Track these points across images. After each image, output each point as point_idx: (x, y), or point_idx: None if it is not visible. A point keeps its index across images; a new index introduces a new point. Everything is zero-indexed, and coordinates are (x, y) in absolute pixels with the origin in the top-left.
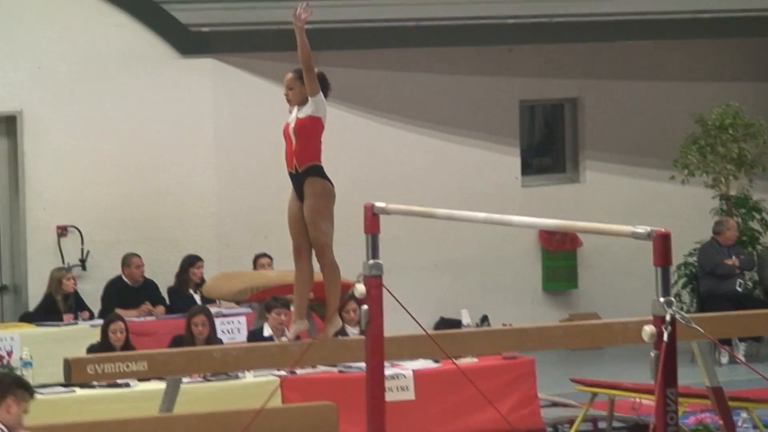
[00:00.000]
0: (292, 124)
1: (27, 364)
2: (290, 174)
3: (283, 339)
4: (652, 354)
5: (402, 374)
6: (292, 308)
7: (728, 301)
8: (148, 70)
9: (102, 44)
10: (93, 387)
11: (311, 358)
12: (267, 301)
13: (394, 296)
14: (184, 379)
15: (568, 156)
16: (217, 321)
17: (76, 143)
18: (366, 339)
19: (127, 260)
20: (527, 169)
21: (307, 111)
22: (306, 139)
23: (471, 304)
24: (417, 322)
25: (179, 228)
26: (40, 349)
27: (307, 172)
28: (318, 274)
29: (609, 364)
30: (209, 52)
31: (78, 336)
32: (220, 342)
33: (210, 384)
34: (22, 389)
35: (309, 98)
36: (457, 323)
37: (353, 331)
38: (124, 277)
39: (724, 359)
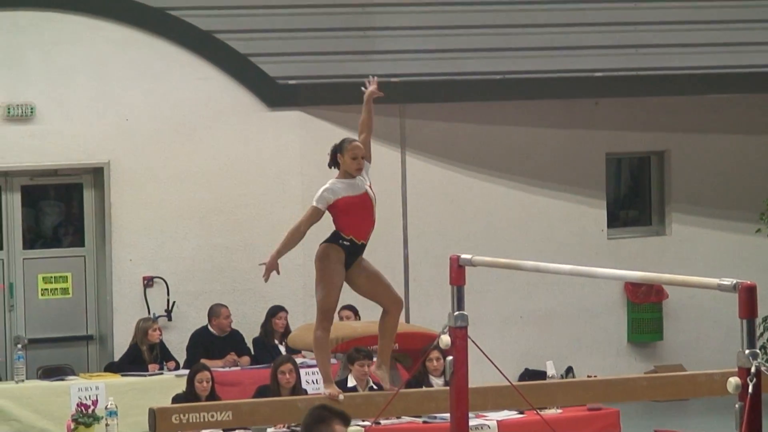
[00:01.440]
0: (372, 194)
1: (112, 413)
2: (358, 245)
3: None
4: (737, 406)
5: (486, 425)
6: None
7: None
8: (236, 123)
9: (189, 97)
10: None
11: (396, 408)
12: (350, 352)
13: (478, 347)
14: (269, 430)
15: (654, 208)
16: (302, 371)
17: (162, 194)
18: (451, 389)
19: (216, 311)
20: (613, 221)
21: (367, 179)
22: None
23: (556, 355)
24: (501, 372)
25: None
26: (125, 399)
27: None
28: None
29: (693, 416)
30: (296, 104)
31: (163, 386)
32: (305, 392)
33: None
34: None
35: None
36: (542, 375)
37: (438, 382)
38: (210, 327)
39: None
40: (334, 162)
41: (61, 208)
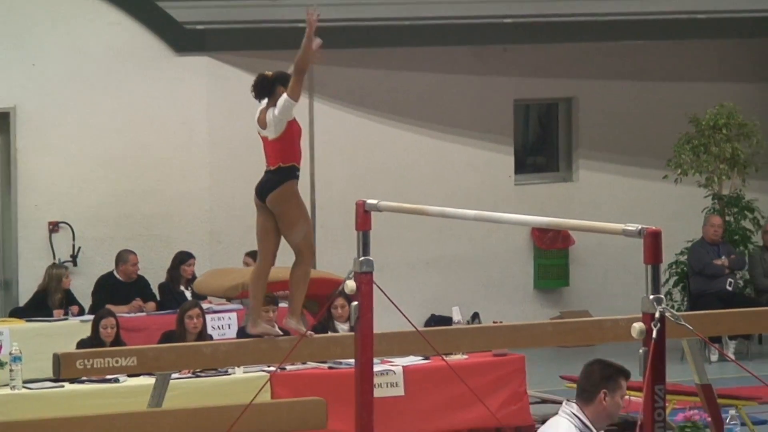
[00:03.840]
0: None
1: (16, 359)
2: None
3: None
4: (641, 351)
5: (392, 370)
6: (282, 305)
7: (719, 300)
8: (143, 68)
9: (96, 41)
10: (82, 382)
11: (301, 354)
12: None
13: (384, 293)
14: (174, 375)
15: (562, 155)
16: (208, 317)
17: (69, 140)
18: (356, 335)
19: (124, 257)
20: (521, 167)
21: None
22: None
23: (462, 301)
24: (407, 318)
25: (171, 225)
26: (30, 344)
27: None
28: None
29: None
30: (204, 50)
31: (68, 331)
32: (211, 338)
33: (199, 380)
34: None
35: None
36: (447, 320)
37: (343, 328)
38: (115, 273)
39: (714, 357)
40: (270, 91)
41: None
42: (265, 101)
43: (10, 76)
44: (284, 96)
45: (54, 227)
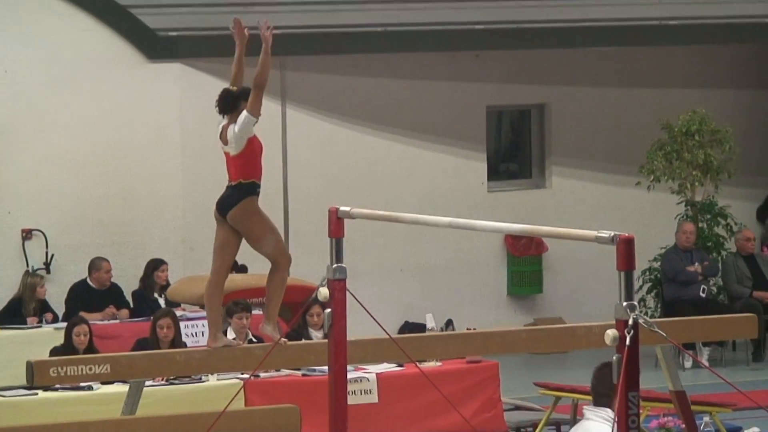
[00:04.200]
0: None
1: None
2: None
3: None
4: (615, 357)
5: (366, 377)
6: (256, 312)
7: (693, 307)
8: (115, 74)
9: (69, 48)
10: (56, 390)
11: (275, 361)
12: (229, 305)
13: (357, 300)
14: (148, 382)
15: (535, 161)
16: (182, 324)
17: (41, 146)
18: (329, 342)
19: (97, 264)
20: (494, 174)
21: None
22: None
23: (436, 308)
24: (380, 325)
25: (145, 232)
26: (4, 352)
27: None
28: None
29: (573, 368)
30: (176, 56)
31: (42, 339)
32: (185, 345)
33: (173, 387)
34: None
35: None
36: (421, 327)
37: (317, 335)
38: (89, 281)
39: (688, 363)
40: (235, 106)
41: None
42: (227, 117)
43: None
44: (244, 112)
45: (27, 234)
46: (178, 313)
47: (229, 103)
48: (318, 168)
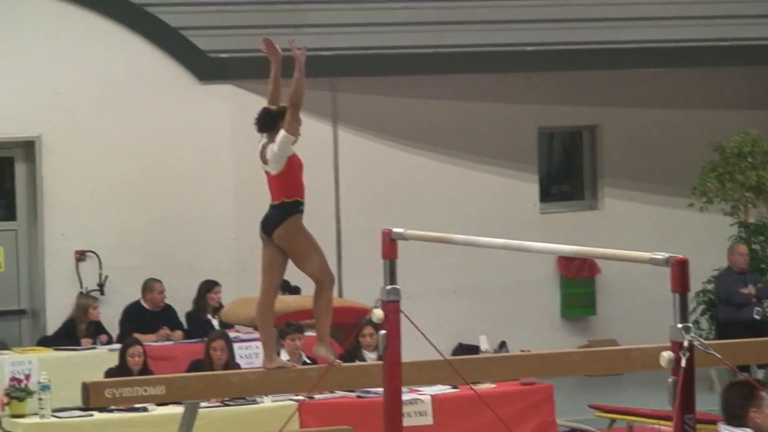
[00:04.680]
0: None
1: (45, 387)
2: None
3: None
4: (670, 380)
5: (420, 399)
6: (309, 333)
7: (746, 329)
8: (167, 96)
9: (121, 70)
10: (111, 411)
11: (329, 382)
12: (281, 326)
13: (411, 321)
14: (202, 404)
15: (587, 183)
16: (236, 346)
17: (94, 168)
18: (384, 364)
19: (149, 285)
20: (546, 196)
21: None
22: None
23: (489, 330)
24: (435, 347)
25: (198, 253)
26: (58, 373)
27: None
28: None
29: (627, 390)
30: (227, 78)
31: (96, 360)
32: (238, 366)
33: (228, 408)
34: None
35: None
36: (475, 349)
37: (370, 356)
38: (142, 302)
39: None
40: (273, 125)
41: None
42: (266, 136)
43: (34, 105)
44: (282, 132)
45: (81, 256)
46: (232, 334)
47: (268, 122)
48: (370, 189)
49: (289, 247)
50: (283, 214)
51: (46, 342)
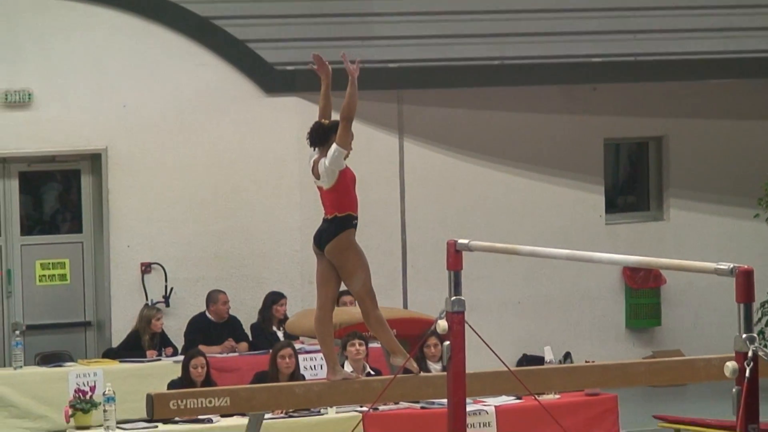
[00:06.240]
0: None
1: (110, 399)
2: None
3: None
4: (735, 390)
5: (484, 410)
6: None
7: None
8: (233, 109)
9: (186, 83)
10: (175, 422)
11: (393, 394)
12: (344, 338)
13: (476, 332)
14: (267, 415)
15: (653, 194)
16: (300, 357)
17: (160, 181)
18: (448, 375)
19: (214, 297)
20: (611, 207)
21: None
22: None
23: (554, 341)
24: (499, 358)
25: (263, 265)
26: (123, 385)
27: None
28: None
29: (692, 400)
30: (294, 90)
31: (161, 372)
32: (303, 378)
33: (292, 420)
34: None
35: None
36: (539, 360)
37: (435, 367)
38: (208, 314)
39: None
40: (326, 139)
41: (59, 194)
42: (318, 150)
43: (101, 118)
44: (334, 145)
45: (146, 268)
46: (297, 346)
47: (320, 136)
48: (435, 201)
49: (338, 262)
50: (336, 228)
51: (111, 354)
